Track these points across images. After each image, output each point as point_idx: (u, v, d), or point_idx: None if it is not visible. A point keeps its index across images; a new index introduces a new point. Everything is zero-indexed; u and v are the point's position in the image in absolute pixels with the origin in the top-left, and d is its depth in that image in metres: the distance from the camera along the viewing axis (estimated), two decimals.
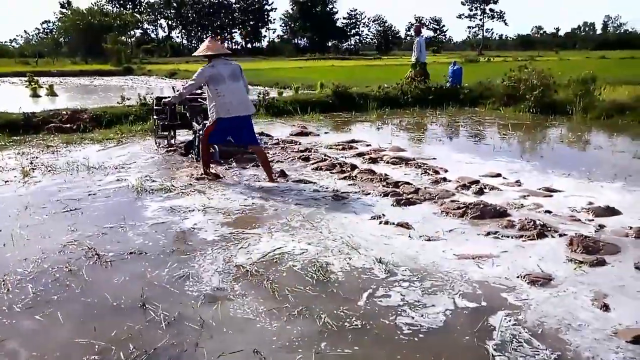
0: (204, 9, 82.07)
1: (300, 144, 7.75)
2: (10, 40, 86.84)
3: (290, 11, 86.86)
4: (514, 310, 2.82)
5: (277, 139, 8.09)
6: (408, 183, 5.38)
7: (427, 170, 6.01)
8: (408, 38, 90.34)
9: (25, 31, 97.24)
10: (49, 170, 6.16)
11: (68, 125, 9.21)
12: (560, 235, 3.87)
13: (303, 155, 6.84)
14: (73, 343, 2.57)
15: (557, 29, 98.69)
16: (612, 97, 10.94)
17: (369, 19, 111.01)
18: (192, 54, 7.01)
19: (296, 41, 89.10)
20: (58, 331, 2.69)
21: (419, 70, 13.54)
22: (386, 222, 4.21)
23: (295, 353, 2.46)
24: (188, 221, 4.33)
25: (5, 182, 5.67)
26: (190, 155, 6.74)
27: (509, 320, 2.71)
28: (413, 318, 2.77)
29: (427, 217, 4.38)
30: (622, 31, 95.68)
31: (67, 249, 3.74)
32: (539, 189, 5.19)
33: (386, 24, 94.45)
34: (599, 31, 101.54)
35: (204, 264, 3.48)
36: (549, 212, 4.46)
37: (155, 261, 3.54)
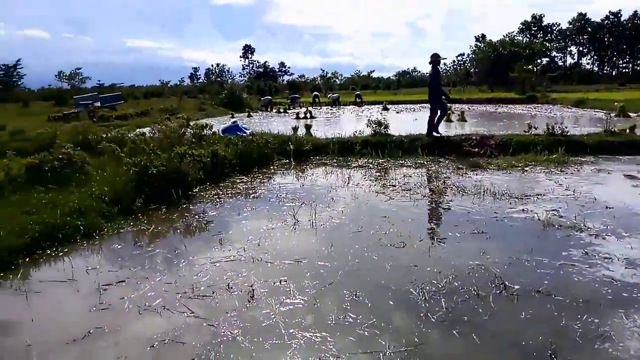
0: (623, 31, 71.89)
1: None
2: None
3: None
4: None
5: None
6: None
7: None
8: None
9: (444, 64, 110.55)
10: (459, 191, 6.64)
11: (476, 150, 9.78)
12: None
13: None
14: None
15: None
16: None
17: None
18: None
19: None
20: (468, 352, 2.76)
21: None
22: None
23: None
24: (606, 271, 3.76)
25: (424, 196, 6.44)
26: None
27: None
28: None
29: None
30: None
31: (474, 272, 3.86)
32: None
33: None
34: None
35: (625, 325, 2.89)
36: None
37: (565, 308, 3.20)
